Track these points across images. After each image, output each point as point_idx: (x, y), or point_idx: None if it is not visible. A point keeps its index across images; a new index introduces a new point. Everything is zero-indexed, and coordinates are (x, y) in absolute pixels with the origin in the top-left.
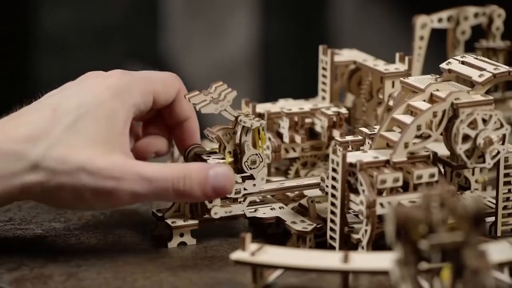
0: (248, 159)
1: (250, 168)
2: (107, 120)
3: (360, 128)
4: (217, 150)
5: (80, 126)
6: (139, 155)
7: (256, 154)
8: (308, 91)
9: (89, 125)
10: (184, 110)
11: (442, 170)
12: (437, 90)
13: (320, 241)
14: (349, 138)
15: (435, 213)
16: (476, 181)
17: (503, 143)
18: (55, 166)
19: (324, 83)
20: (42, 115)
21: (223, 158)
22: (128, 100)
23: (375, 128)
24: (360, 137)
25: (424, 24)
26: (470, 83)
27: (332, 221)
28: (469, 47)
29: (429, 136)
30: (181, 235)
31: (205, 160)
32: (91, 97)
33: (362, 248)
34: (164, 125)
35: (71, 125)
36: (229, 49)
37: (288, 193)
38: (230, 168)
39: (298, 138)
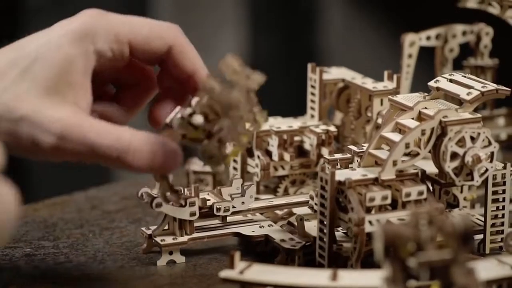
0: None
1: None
2: (61, 67)
3: (349, 146)
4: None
5: (33, 71)
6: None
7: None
8: (297, 109)
9: (42, 71)
10: (184, 66)
11: (431, 187)
12: (426, 108)
13: (309, 259)
14: (337, 156)
15: (424, 231)
16: (465, 199)
17: (491, 161)
18: (1, 113)
19: (312, 101)
20: (6, 56)
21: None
22: (89, 46)
23: (364, 146)
24: (348, 155)
25: (413, 42)
26: (458, 101)
27: (321, 239)
28: (457, 65)
29: (417, 154)
30: (170, 253)
31: None
32: (49, 40)
33: (351, 266)
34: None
35: (25, 69)
36: (217, 65)
37: (277, 211)
38: (177, 145)
39: (287, 156)
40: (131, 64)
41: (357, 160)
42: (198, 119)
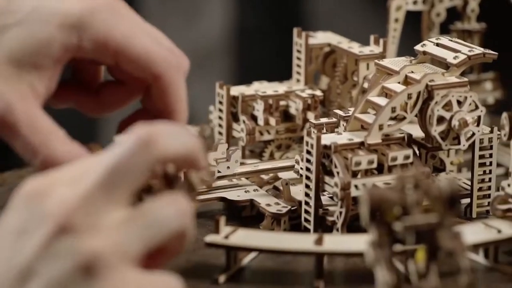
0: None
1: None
2: (37, 45)
3: (335, 110)
4: None
5: (10, 33)
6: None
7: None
8: (283, 73)
9: (17, 38)
10: (163, 103)
11: (417, 152)
12: (412, 72)
13: (294, 224)
14: (323, 120)
15: (410, 195)
16: (451, 163)
17: (478, 125)
18: None
19: (298, 65)
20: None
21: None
22: (74, 38)
23: (350, 110)
24: (334, 119)
25: (399, 6)
26: (445, 65)
27: (307, 203)
28: (444, 29)
29: (403, 118)
30: None
31: None
32: (44, 8)
33: (337, 230)
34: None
35: (6, 26)
36: (204, 32)
37: (263, 176)
38: None
39: (272, 121)
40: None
41: (343, 125)
42: None
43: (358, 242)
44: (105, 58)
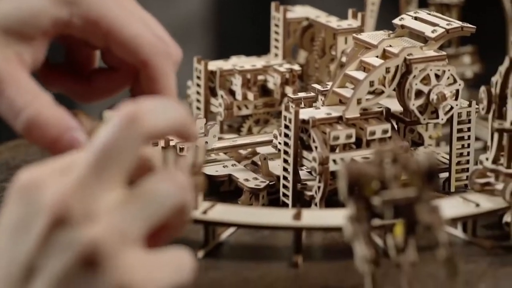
0: None
1: None
2: (29, 15)
3: (313, 85)
4: None
5: (3, 1)
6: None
7: None
8: (261, 48)
9: (9, 5)
10: (150, 90)
11: (395, 126)
12: (390, 46)
13: (273, 198)
14: (301, 95)
15: (388, 169)
16: (430, 137)
17: (456, 99)
18: None
19: (276, 40)
20: None
21: None
22: (65, 14)
23: (328, 85)
24: (312, 94)
25: None
26: (423, 39)
27: (285, 178)
28: (423, 3)
29: (382, 92)
30: None
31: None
32: None
33: (315, 205)
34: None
35: None
36: (182, 7)
37: (241, 151)
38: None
39: (250, 96)
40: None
41: (321, 99)
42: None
43: (337, 217)
44: (95, 39)
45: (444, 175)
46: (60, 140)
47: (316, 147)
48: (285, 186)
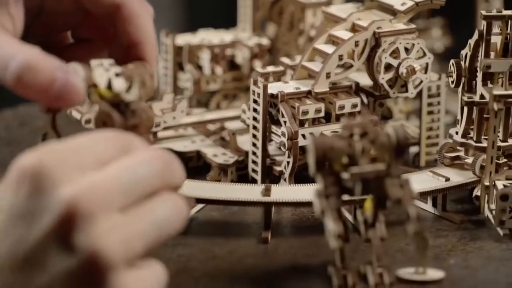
0: None
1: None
2: None
3: (282, 59)
4: None
5: None
6: None
7: None
8: (229, 21)
9: None
10: (129, 33)
11: (365, 100)
12: (359, 19)
13: (241, 174)
14: (270, 69)
15: (357, 144)
16: (400, 111)
17: (426, 72)
18: None
19: (245, 13)
20: None
21: None
22: None
23: (297, 59)
24: (281, 68)
25: None
26: (393, 12)
27: (254, 153)
28: None
29: (351, 66)
30: None
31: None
32: None
33: (285, 180)
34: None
35: None
36: None
37: (209, 126)
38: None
39: (219, 70)
40: (86, 17)
41: (290, 73)
42: (120, 83)
43: (306, 192)
44: None
45: (414, 149)
46: (54, 84)
47: (285, 122)
48: (254, 162)
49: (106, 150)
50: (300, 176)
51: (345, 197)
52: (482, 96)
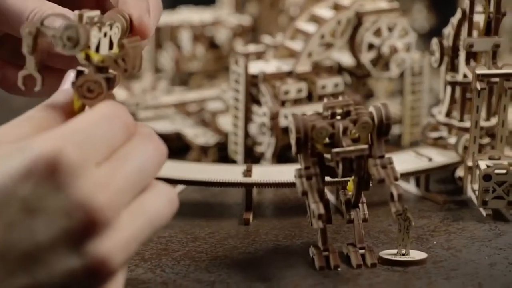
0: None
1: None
2: None
3: (263, 38)
4: None
5: None
6: None
7: None
8: None
9: None
10: None
11: (348, 79)
12: None
13: (222, 155)
14: (251, 48)
15: (339, 123)
16: (382, 91)
17: (408, 51)
18: None
19: None
20: None
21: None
22: None
23: (278, 38)
24: (263, 47)
25: None
26: None
27: (235, 134)
28: None
29: (333, 45)
30: None
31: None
32: None
33: (266, 161)
34: None
35: None
36: None
37: (190, 106)
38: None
39: (199, 50)
40: None
41: (272, 52)
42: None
43: (288, 173)
44: None
45: (397, 129)
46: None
47: (266, 102)
48: (235, 142)
49: (115, 135)
50: (282, 156)
51: (328, 178)
52: (465, 76)
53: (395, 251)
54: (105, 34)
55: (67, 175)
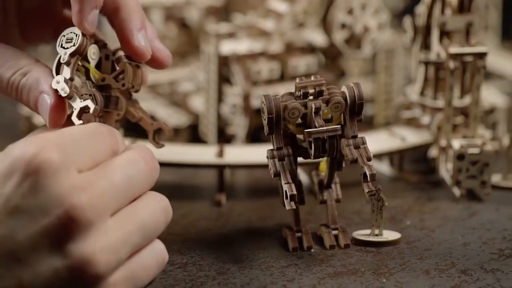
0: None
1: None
2: None
3: (235, 17)
4: None
5: None
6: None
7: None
8: None
9: None
10: (124, 32)
11: (320, 59)
12: None
13: (194, 136)
14: (223, 29)
15: (312, 103)
16: (355, 70)
17: (381, 31)
18: None
19: None
20: None
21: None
22: None
23: (250, 17)
24: (234, 27)
25: None
26: None
27: (207, 115)
28: None
29: (300, 25)
30: None
31: None
32: None
33: (239, 141)
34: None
35: None
36: None
37: (162, 87)
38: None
39: (171, 30)
40: None
41: (243, 32)
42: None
43: (261, 154)
44: None
45: (370, 108)
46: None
47: (238, 82)
48: (207, 123)
49: (100, 148)
50: (254, 137)
51: (300, 158)
52: (438, 55)
53: (368, 231)
54: (107, 57)
55: (47, 175)
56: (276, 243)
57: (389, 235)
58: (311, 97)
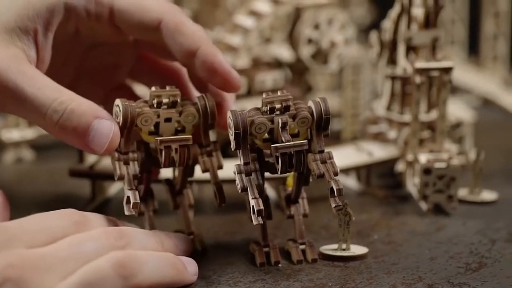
0: None
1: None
2: (24, 8)
3: None
4: None
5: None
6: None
7: None
8: None
9: (10, 6)
10: (182, 43)
11: (287, 74)
12: None
13: None
14: None
15: (278, 118)
16: (322, 85)
17: (348, 45)
18: None
19: None
20: None
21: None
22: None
23: (217, 32)
24: None
25: None
26: None
27: None
28: None
29: (272, 40)
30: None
31: None
32: None
33: None
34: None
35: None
36: None
37: None
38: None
39: None
40: (141, 60)
41: None
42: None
43: (228, 169)
44: (100, 14)
45: (337, 123)
46: (89, 131)
47: None
48: None
49: (61, 226)
50: (222, 152)
51: (267, 173)
52: (404, 69)
53: (335, 246)
54: (169, 120)
55: None
56: (244, 258)
57: (357, 249)
58: (277, 112)
